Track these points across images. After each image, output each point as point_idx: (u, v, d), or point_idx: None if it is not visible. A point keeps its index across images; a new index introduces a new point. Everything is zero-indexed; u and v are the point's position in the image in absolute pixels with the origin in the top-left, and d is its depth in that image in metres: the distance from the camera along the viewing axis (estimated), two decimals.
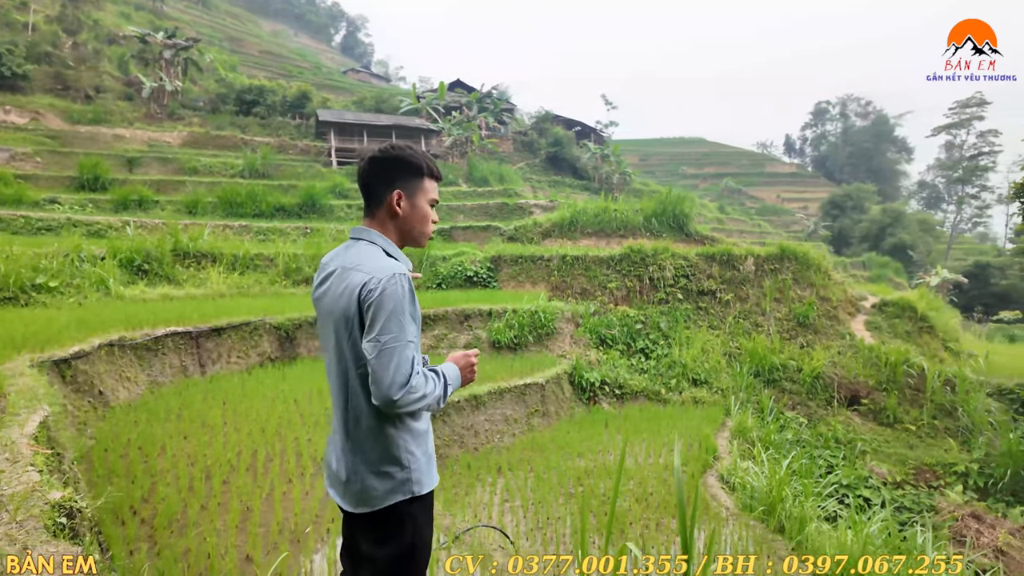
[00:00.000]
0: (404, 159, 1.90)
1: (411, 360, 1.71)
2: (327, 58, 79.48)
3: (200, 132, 29.37)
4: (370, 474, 1.84)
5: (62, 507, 2.21)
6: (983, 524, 8.77)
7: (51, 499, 2.24)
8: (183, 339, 8.52)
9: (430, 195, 2.00)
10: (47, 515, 2.12)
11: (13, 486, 2.26)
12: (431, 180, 2.00)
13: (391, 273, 1.76)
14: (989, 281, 40.98)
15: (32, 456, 2.79)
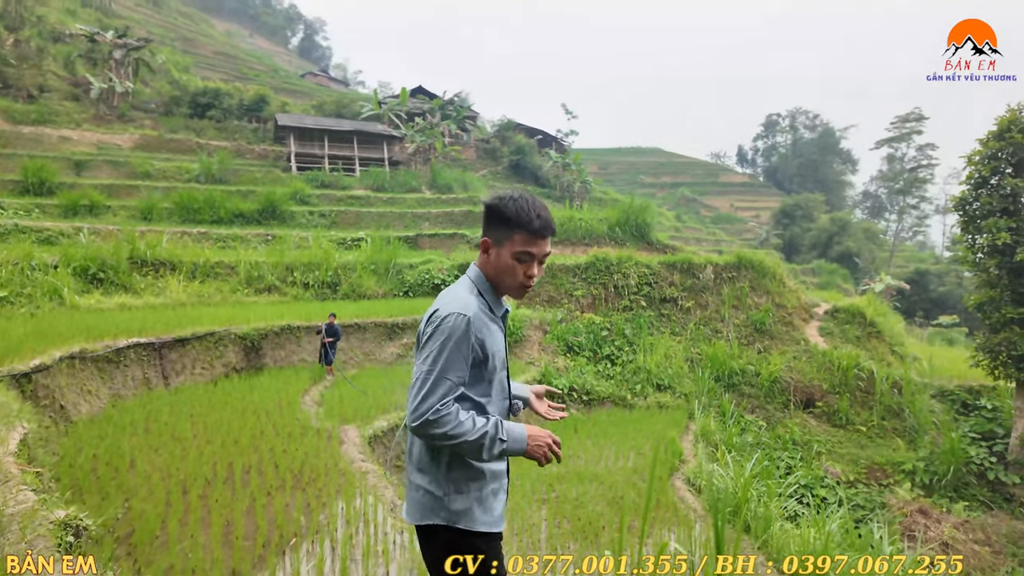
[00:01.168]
0: (497, 209, 1.89)
1: (441, 395, 1.75)
2: (284, 60, 78.03)
3: (153, 135, 28.45)
4: (412, 484, 1.91)
5: (68, 525, 2.20)
6: (930, 519, 9.28)
7: (56, 518, 2.22)
8: (146, 350, 8.30)
9: (518, 247, 1.88)
10: (55, 534, 2.11)
11: (13, 506, 2.23)
12: (526, 234, 1.87)
13: (456, 309, 1.82)
14: (928, 287, 43.15)
15: (22, 475, 2.74)
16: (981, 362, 11.86)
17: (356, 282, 14.38)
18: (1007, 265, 11.31)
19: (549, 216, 1.90)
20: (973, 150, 11.85)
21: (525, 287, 1.94)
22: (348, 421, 7.39)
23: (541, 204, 1.90)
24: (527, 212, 1.86)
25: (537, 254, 1.90)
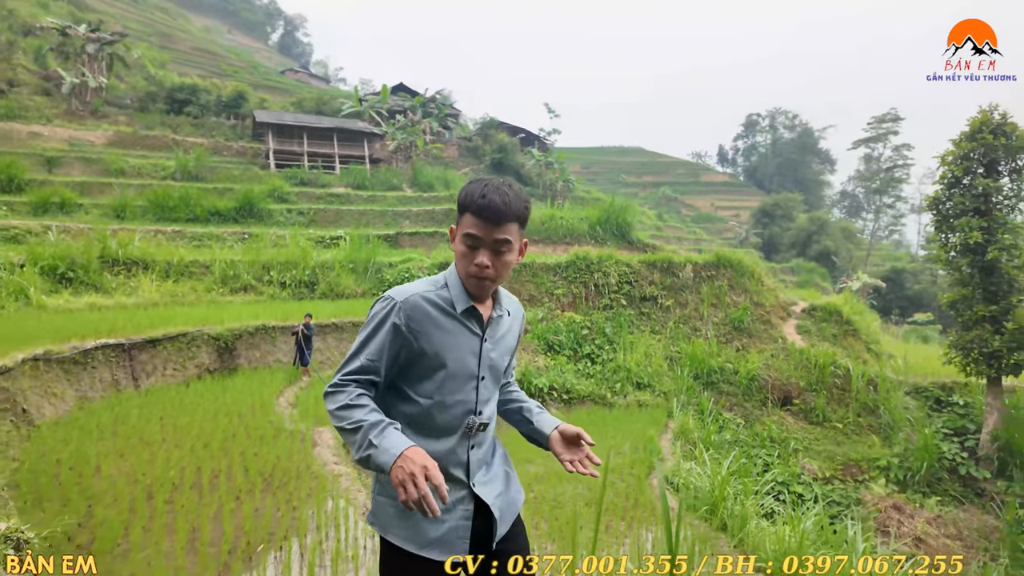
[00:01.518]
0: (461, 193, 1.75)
1: (347, 371, 1.67)
2: (263, 57, 77.07)
3: (127, 131, 27.90)
4: None
5: (8, 539, 2.10)
6: (903, 514, 9.41)
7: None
8: (115, 352, 8.11)
9: (463, 229, 1.70)
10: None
11: None
12: (471, 215, 1.68)
13: (389, 294, 1.74)
14: (904, 285, 43.91)
15: None
16: (954, 359, 12.05)
17: (334, 281, 14.22)
18: (979, 264, 11.49)
19: (501, 201, 1.66)
20: (946, 150, 12.03)
21: (476, 279, 1.70)
22: (323, 423, 7.28)
23: (498, 187, 1.69)
24: (475, 191, 1.67)
25: (484, 239, 1.67)
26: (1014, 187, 11.54)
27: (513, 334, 1.89)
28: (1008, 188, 11.56)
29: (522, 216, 1.72)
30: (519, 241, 1.74)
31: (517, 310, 1.93)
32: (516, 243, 1.72)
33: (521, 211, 1.70)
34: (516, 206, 1.68)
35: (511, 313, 1.89)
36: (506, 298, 1.88)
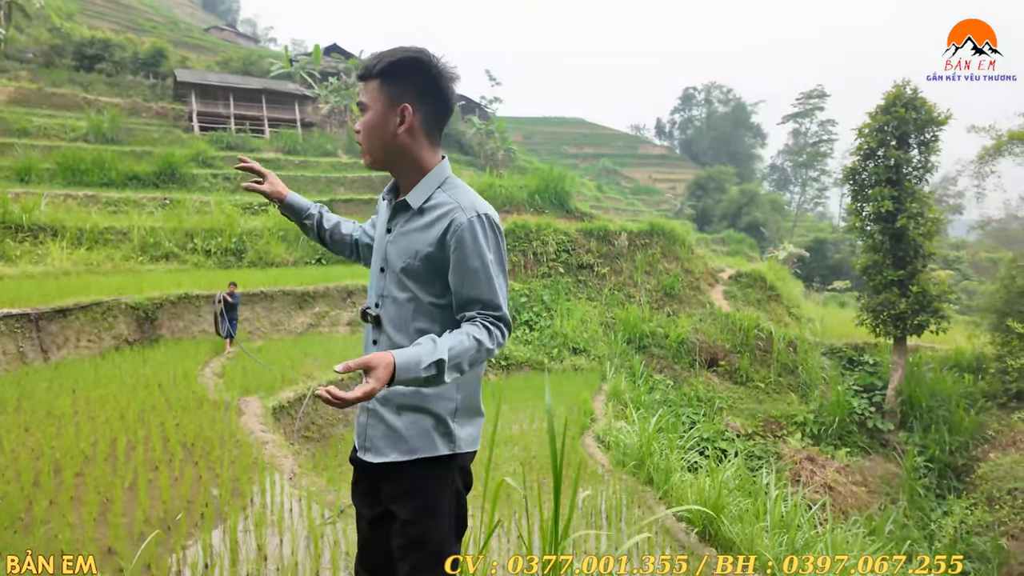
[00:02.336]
0: None
1: None
2: (185, 13, 72.01)
3: (31, 88, 25.64)
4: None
5: None
6: (816, 465, 10.09)
7: None
8: (19, 322, 7.58)
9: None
10: None
11: None
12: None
13: None
14: (826, 255, 46.37)
15: None
16: (865, 321, 12.88)
17: (263, 249, 13.71)
18: (889, 231, 12.25)
19: (367, 60, 1.62)
20: (863, 123, 12.65)
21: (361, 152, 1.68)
22: (250, 393, 7.08)
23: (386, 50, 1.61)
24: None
25: (361, 101, 1.64)
26: (922, 158, 12.30)
27: (424, 238, 1.60)
28: (917, 159, 12.30)
29: (371, 70, 1.58)
30: (381, 102, 1.58)
31: (446, 214, 1.58)
32: (376, 103, 1.59)
33: (373, 65, 1.58)
34: (371, 62, 1.59)
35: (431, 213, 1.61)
36: (439, 195, 1.63)
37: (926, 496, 10.19)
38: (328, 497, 4.36)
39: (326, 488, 4.60)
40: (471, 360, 1.49)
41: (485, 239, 1.56)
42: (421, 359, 1.41)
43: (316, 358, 9.32)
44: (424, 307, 1.62)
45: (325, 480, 4.99)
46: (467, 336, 1.49)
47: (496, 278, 1.56)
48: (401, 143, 1.61)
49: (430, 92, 1.60)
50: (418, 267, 1.60)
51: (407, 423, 1.63)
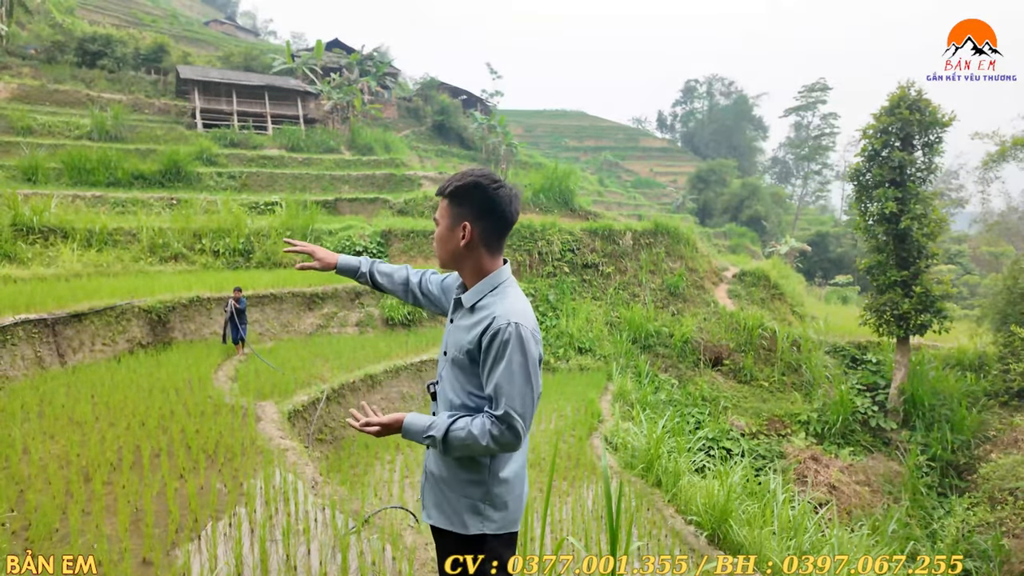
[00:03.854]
0: None
1: None
2: (184, 6, 71.68)
3: (33, 85, 25.62)
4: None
5: None
6: (820, 464, 10.22)
7: None
8: (37, 327, 7.68)
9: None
10: None
11: None
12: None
13: None
14: (827, 249, 46.42)
15: None
16: (868, 320, 12.98)
17: (271, 249, 13.79)
18: (893, 232, 12.33)
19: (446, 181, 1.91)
20: (867, 124, 12.70)
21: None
22: (265, 397, 7.20)
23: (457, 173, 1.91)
24: None
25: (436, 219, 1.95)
26: (926, 160, 12.35)
27: (468, 336, 1.82)
28: (921, 161, 12.36)
29: (444, 190, 1.88)
30: (450, 218, 1.87)
31: (486, 318, 1.78)
32: (443, 219, 1.89)
33: (445, 187, 1.88)
34: (444, 183, 1.90)
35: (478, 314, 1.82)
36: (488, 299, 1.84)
37: (928, 495, 10.33)
38: (351, 506, 4.48)
39: (348, 496, 4.72)
40: (464, 446, 1.76)
41: (511, 345, 1.73)
42: (423, 429, 1.80)
43: (326, 359, 9.43)
44: (464, 394, 1.87)
45: (347, 488, 5.11)
46: (466, 426, 1.75)
47: (507, 384, 1.73)
48: (463, 253, 1.86)
49: (488, 211, 1.84)
50: (462, 360, 1.85)
51: (448, 495, 1.90)
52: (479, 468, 1.85)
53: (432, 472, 1.93)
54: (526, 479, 1.99)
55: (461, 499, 1.86)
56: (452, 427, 1.75)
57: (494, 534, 1.88)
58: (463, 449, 1.76)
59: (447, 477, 1.88)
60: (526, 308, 1.83)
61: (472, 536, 1.86)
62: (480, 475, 1.85)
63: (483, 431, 1.72)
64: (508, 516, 1.91)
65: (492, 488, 1.86)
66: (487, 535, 1.87)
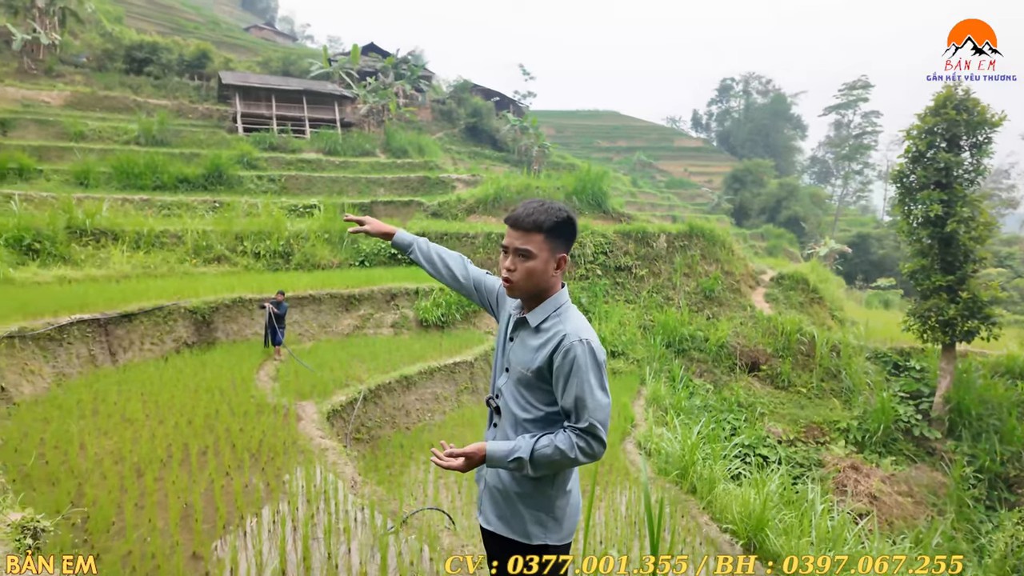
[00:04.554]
0: None
1: None
2: (224, 12, 73.74)
3: (85, 92, 26.70)
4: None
5: (25, 528, 2.20)
6: (860, 474, 9.97)
7: (11, 521, 2.22)
8: (90, 327, 8.03)
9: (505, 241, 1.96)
10: (12, 537, 2.11)
11: None
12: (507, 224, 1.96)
13: None
14: (869, 250, 45.12)
15: None
16: (912, 326, 12.61)
17: (310, 251, 14.10)
18: (938, 236, 11.95)
19: (524, 211, 1.90)
20: (912, 125, 12.34)
21: (503, 280, 1.96)
22: (305, 397, 7.39)
23: (530, 200, 1.94)
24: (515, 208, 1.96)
25: (508, 245, 1.92)
26: (973, 161, 11.94)
27: (539, 355, 1.89)
28: (968, 162, 11.95)
29: (543, 225, 1.88)
30: (546, 251, 1.90)
31: (555, 336, 1.87)
32: (540, 252, 1.89)
33: (543, 221, 1.88)
34: (537, 216, 1.88)
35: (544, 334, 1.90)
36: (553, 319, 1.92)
37: (976, 508, 9.99)
38: (390, 506, 4.58)
39: (386, 497, 4.82)
40: (551, 463, 1.81)
41: (584, 360, 1.82)
42: (509, 453, 1.83)
43: (362, 360, 9.61)
44: (533, 409, 1.94)
45: (384, 488, 5.22)
46: (551, 443, 1.81)
47: (588, 397, 1.81)
48: (550, 282, 1.94)
49: (572, 241, 1.98)
50: (530, 378, 1.91)
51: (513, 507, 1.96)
52: (548, 482, 1.93)
53: (495, 486, 2.00)
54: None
55: (528, 511, 1.94)
56: (537, 447, 1.81)
57: (556, 544, 1.96)
58: (551, 466, 1.83)
59: (516, 490, 1.95)
60: (589, 325, 1.93)
61: (534, 546, 1.95)
62: (548, 488, 1.93)
63: (571, 445, 1.80)
64: (569, 527, 2.00)
65: (557, 500, 1.95)
66: (549, 545, 1.95)
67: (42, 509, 3.76)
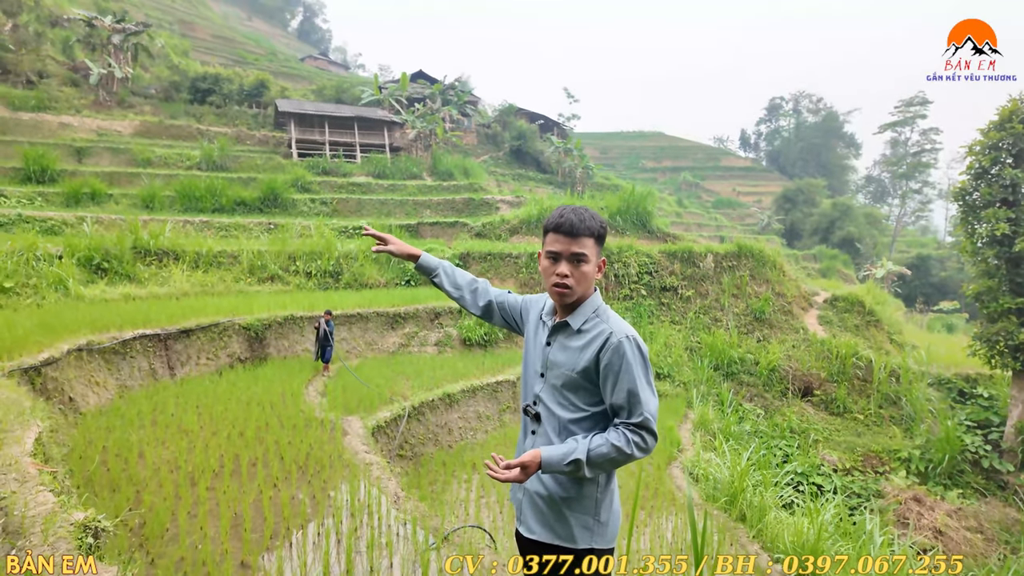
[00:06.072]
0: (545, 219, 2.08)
1: None
2: (282, 43, 77.42)
3: (153, 121, 28.37)
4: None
5: (87, 527, 2.30)
6: (923, 506, 9.43)
7: (75, 520, 2.32)
8: (151, 341, 8.41)
9: (546, 247, 1.98)
10: (75, 536, 2.21)
11: (34, 508, 2.34)
12: (551, 232, 1.96)
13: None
14: (930, 272, 43.18)
15: (39, 475, 2.84)
16: (978, 351, 11.95)
17: (358, 271, 14.46)
18: (1005, 255, 11.36)
19: (576, 218, 1.92)
20: (974, 140, 11.85)
21: (556, 287, 1.95)
22: (351, 412, 7.52)
23: (574, 208, 1.96)
24: (555, 214, 1.97)
25: (562, 252, 1.92)
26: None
27: (584, 356, 1.91)
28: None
29: (596, 232, 1.94)
30: (596, 255, 1.96)
31: (599, 335, 1.91)
32: (592, 256, 1.94)
33: (596, 228, 1.94)
34: (590, 223, 1.93)
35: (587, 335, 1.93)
36: (594, 319, 1.96)
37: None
38: (432, 522, 4.59)
39: (428, 513, 4.84)
40: (608, 461, 1.81)
41: (632, 356, 1.85)
42: (564, 456, 1.81)
43: (407, 377, 9.73)
44: (578, 410, 1.94)
45: (426, 504, 5.25)
46: (607, 441, 1.81)
47: (640, 391, 1.83)
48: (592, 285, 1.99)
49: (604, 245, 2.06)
50: (576, 378, 1.92)
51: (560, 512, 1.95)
52: (593, 485, 1.93)
53: (537, 492, 1.98)
54: None
55: (573, 515, 1.94)
56: (592, 447, 1.82)
57: (601, 548, 1.96)
58: (608, 465, 1.84)
59: (561, 495, 1.94)
60: (629, 324, 1.98)
61: (580, 550, 1.94)
62: (594, 491, 1.93)
63: (626, 441, 1.82)
64: (613, 530, 2.00)
65: (602, 503, 1.95)
66: (595, 548, 1.95)
67: (103, 513, 3.94)
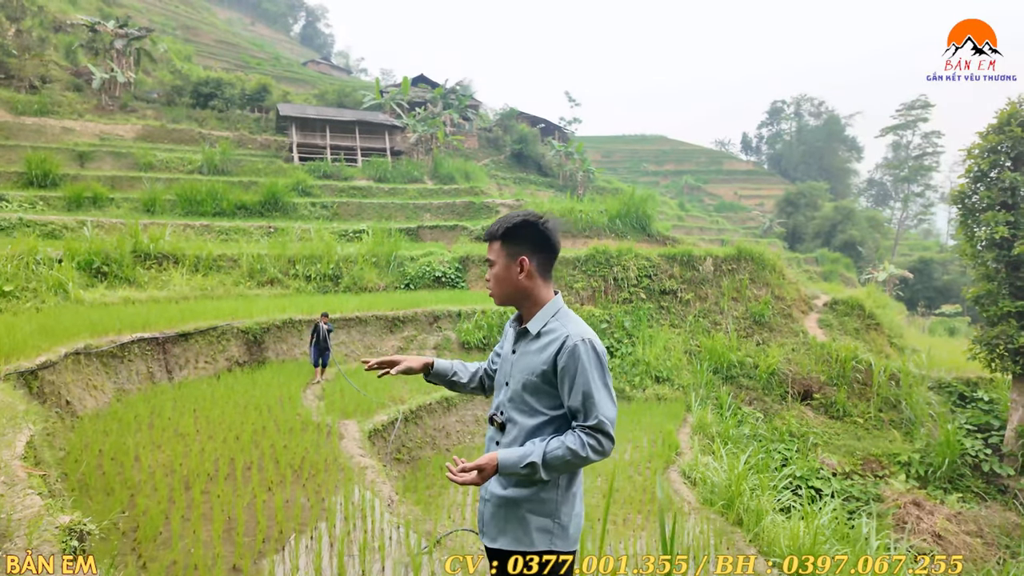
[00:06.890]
0: None
1: None
2: (285, 48, 77.69)
3: (155, 125, 28.46)
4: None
5: (72, 531, 2.31)
6: (923, 510, 9.39)
7: (60, 523, 2.33)
8: (150, 345, 8.43)
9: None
10: (59, 539, 2.22)
11: (19, 511, 2.35)
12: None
13: None
14: (932, 276, 43.07)
15: (28, 478, 2.85)
16: (978, 355, 11.91)
17: (358, 275, 14.48)
18: (1005, 259, 11.33)
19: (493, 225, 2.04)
20: (973, 143, 11.84)
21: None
22: (348, 416, 7.53)
23: (503, 217, 2.04)
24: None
25: (488, 259, 2.08)
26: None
27: (540, 358, 1.92)
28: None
29: (495, 234, 2.02)
30: (503, 257, 2.01)
31: (557, 338, 1.91)
32: (498, 259, 2.02)
33: (495, 230, 2.02)
34: (493, 227, 2.04)
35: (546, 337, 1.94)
36: (552, 323, 1.97)
37: None
38: (424, 526, 4.59)
39: (422, 517, 4.84)
40: (564, 463, 1.82)
41: (588, 359, 1.86)
42: (521, 459, 1.82)
43: (406, 381, 9.73)
44: (539, 415, 1.96)
45: (421, 508, 5.25)
46: (562, 444, 1.83)
47: (595, 394, 1.85)
48: (524, 286, 2.01)
49: (540, 244, 2.01)
50: (535, 382, 1.94)
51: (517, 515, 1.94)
52: (553, 487, 1.93)
53: (497, 494, 1.96)
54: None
55: (533, 518, 1.93)
56: (548, 449, 1.83)
57: (561, 551, 1.95)
58: (564, 467, 1.84)
59: (518, 497, 1.93)
60: (589, 327, 1.97)
61: (539, 552, 1.93)
62: (553, 492, 1.93)
63: (581, 444, 1.82)
64: (574, 533, 1.98)
65: (562, 507, 1.94)
66: (555, 551, 1.94)
67: (95, 517, 3.95)
